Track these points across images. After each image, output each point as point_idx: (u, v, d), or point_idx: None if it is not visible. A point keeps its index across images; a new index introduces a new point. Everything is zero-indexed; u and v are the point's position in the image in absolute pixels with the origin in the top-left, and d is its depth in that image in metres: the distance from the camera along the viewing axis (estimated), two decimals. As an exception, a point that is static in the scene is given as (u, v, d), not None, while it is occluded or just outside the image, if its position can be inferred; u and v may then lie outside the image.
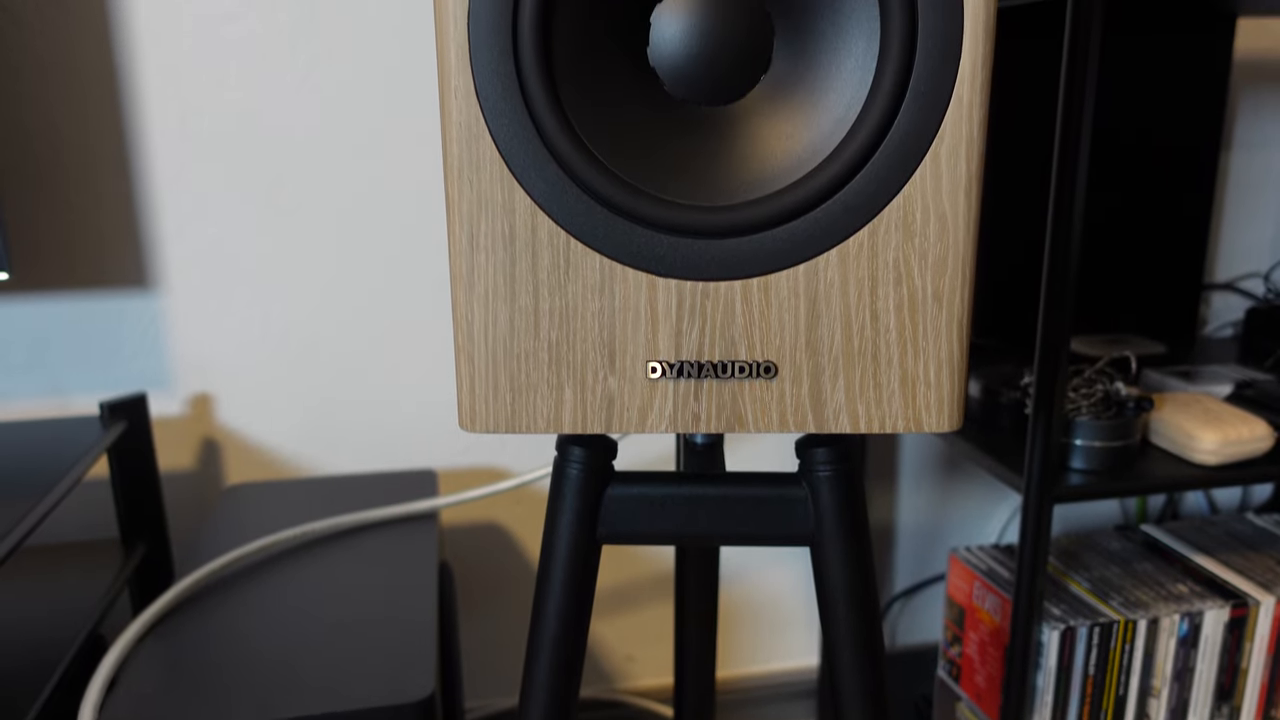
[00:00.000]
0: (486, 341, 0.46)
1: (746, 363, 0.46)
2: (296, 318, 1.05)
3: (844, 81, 0.43)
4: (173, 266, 1.02)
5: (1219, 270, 1.32)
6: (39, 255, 0.99)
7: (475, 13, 0.42)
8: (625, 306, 0.45)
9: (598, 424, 0.47)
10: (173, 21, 0.96)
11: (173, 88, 0.97)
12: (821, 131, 0.44)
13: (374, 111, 1.01)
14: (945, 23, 0.41)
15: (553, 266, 0.45)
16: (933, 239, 0.44)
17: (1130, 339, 1.21)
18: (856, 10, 0.43)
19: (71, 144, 0.97)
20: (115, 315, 1.02)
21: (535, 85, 0.42)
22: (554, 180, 0.44)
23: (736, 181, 0.45)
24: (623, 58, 0.45)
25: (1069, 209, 0.77)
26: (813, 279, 0.45)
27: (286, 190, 1.02)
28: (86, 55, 0.95)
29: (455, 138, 0.44)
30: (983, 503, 1.32)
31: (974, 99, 0.43)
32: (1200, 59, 1.16)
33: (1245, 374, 1.09)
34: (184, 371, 1.05)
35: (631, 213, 0.44)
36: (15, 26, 0.93)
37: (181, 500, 1.08)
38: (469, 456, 1.13)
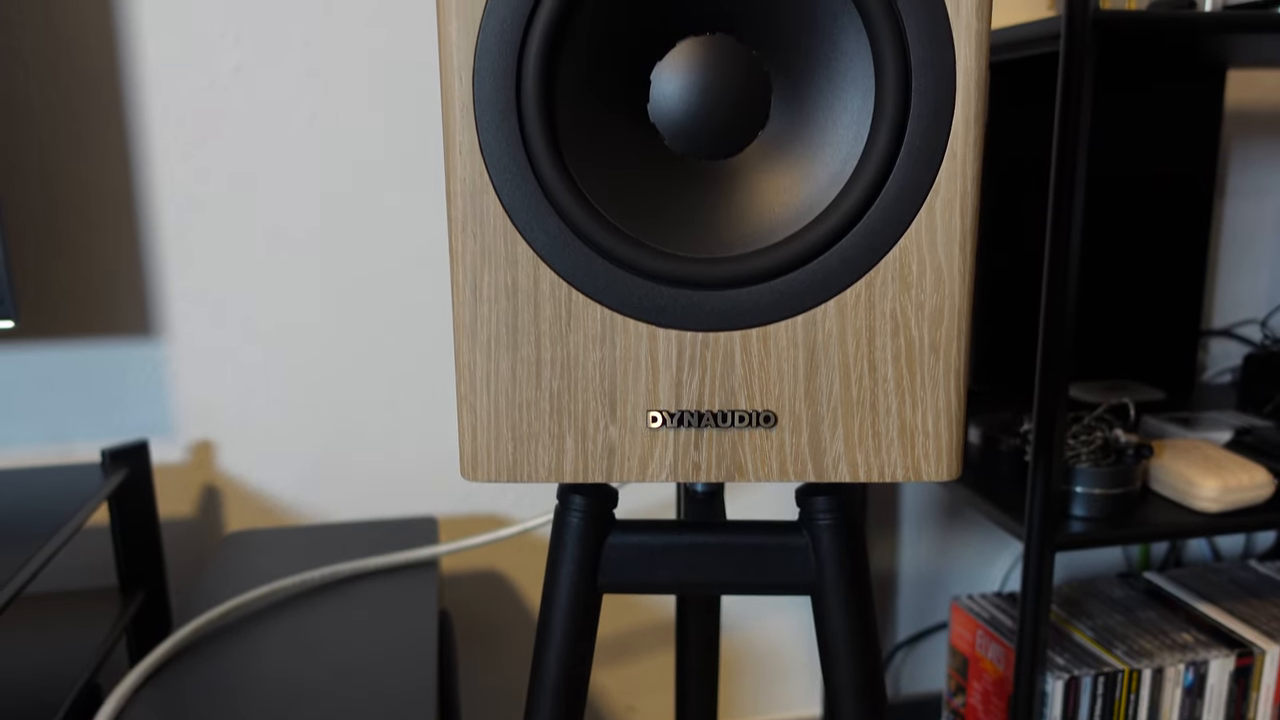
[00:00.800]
0: (489, 391, 0.46)
1: (746, 412, 0.46)
2: (298, 365, 1.06)
3: (840, 137, 0.44)
4: (176, 314, 1.03)
5: (1216, 317, 1.33)
6: (44, 302, 1.00)
7: (480, 70, 0.43)
8: (626, 356, 0.46)
9: (599, 473, 0.47)
10: (181, 70, 0.98)
11: (179, 136, 0.99)
12: (819, 185, 0.45)
13: (378, 161, 1.03)
14: (938, 81, 0.42)
15: (554, 317, 0.45)
16: (929, 290, 0.45)
17: (1129, 385, 1.21)
18: (852, 69, 0.44)
19: (78, 192, 0.98)
20: (119, 362, 1.03)
21: (538, 141, 0.43)
22: (556, 233, 0.44)
23: (736, 234, 0.45)
24: (624, 113, 0.46)
25: (1065, 258, 0.78)
26: (811, 330, 0.45)
27: (290, 238, 1.03)
28: (95, 103, 0.97)
29: (459, 191, 0.45)
30: (985, 550, 1.32)
31: (967, 154, 0.44)
32: (1192, 109, 1.18)
33: (1244, 420, 1.09)
34: (186, 418, 1.05)
35: (632, 265, 0.44)
36: (25, 71, 0.95)
37: (181, 547, 1.08)
38: (469, 503, 1.13)
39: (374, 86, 1.01)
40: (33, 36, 0.95)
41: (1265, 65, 1.18)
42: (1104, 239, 1.19)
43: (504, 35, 0.43)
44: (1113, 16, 0.75)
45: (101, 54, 0.96)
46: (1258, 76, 1.26)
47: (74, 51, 0.96)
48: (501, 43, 0.43)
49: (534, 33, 0.42)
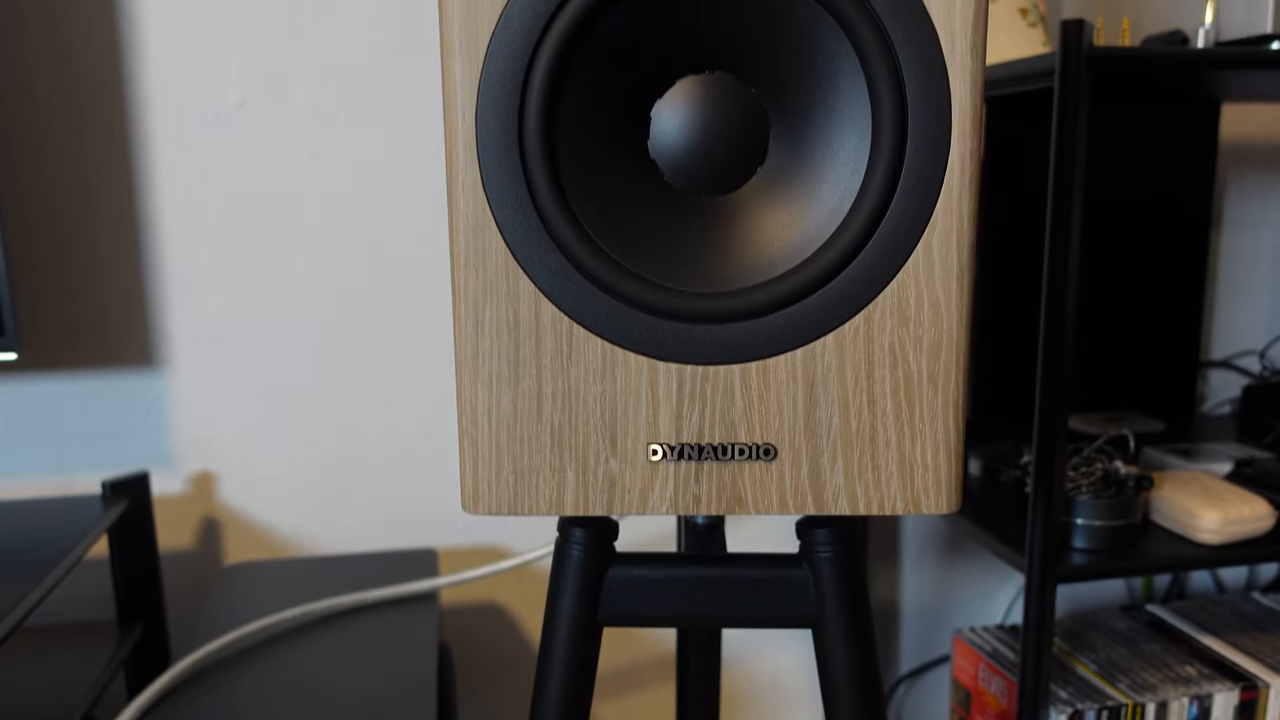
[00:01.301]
0: (490, 424, 0.47)
1: (746, 445, 0.47)
2: (299, 397, 1.06)
3: (838, 173, 0.45)
4: (178, 345, 1.03)
5: (1215, 348, 1.34)
6: (47, 334, 1.01)
7: (483, 108, 0.44)
8: (626, 390, 0.46)
9: (599, 506, 0.47)
10: (186, 105, 0.99)
11: (183, 169, 1.00)
12: (817, 221, 0.45)
13: (380, 196, 1.04)
14: (934, 119, 0.43)
15: (556, 351, 0.46)
16: (927, 324, 0.45)
17: (1128, 416, 1.22)
18: (849, 106, 0.44)
19: (83, 224, 0.99)
20: (120, 394, 1.03)
21: (540, 177, 0.44)
22: (557, 268, 0.45)
23: (735, 269, 0.46)
24: (624, 150, 0.46)
25: (1062, 290, 0.78)
26: (810, 363, 0.46)
27: (292, 270, 1.04)
28: (101, 137, 0.98)
29: (462, 227, 0.45)
30: (986, 582, 1.31)
31: (963, 191, 0.44)
32: (1187, 142, 1.19)
33: (1244, 452, 1.09)
34: (186, 450, 1.05)
35: (633, 299, 0.45)
36: (34, 106, 0.96)
37: (180, 580, 1.08)
38: (469, 535, 1.13)
39: (376, 122, 1.03)
40: (42, 73, 0.96)
41: (1259, 99, 1.19)
42: (1102, 271, 1.20)
43: (507, 74, 0.43)
44: (1106, 54, 0.76)
45: (109, 90, 0.98)
46: (1252, 110, 1.28)
47: (82, 87, 0.97)
48: (504, 81, 0.44)
49: (536, 72, 0.43)
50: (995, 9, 0.97)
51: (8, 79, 0.95)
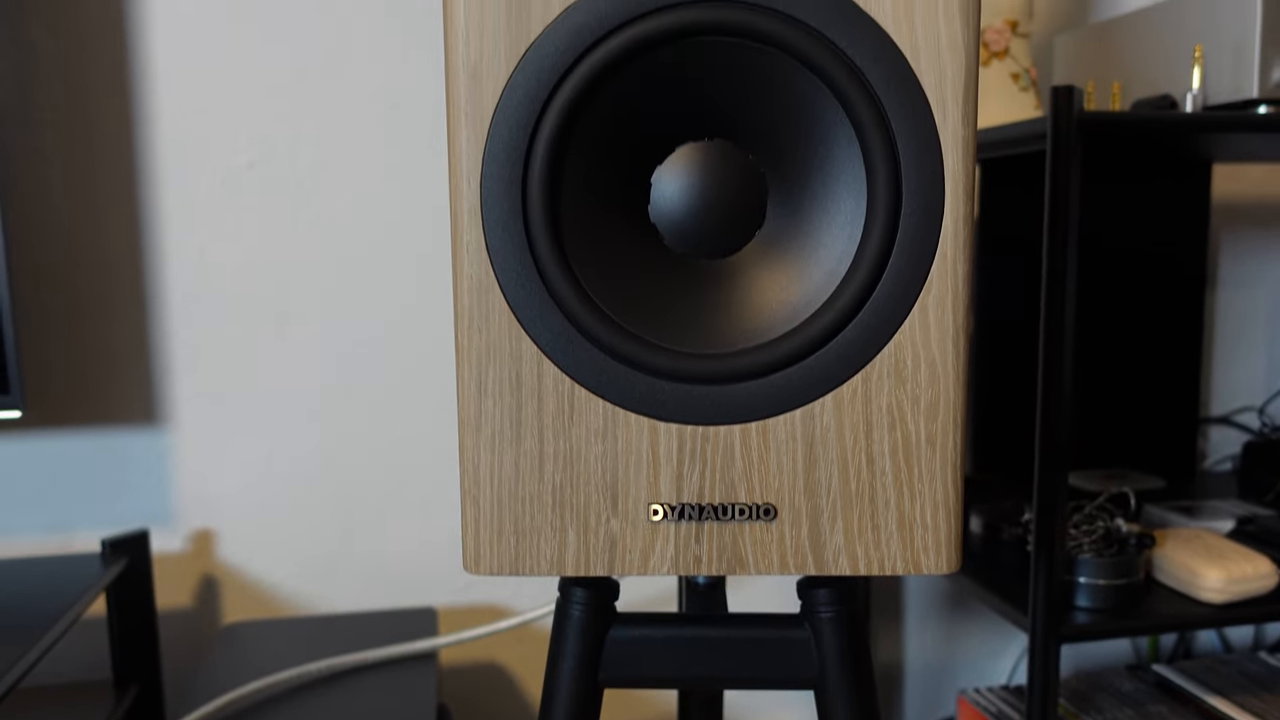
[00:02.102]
0: (492, 484, 0.47)
1: (746, 505, 0.47)
2: (300, 455, 1.06)
3: (834, 237, 0.46)
4: (181, 403, 1.04)
5: (1214, 404, 1.34)
6: (51, 392, 1.01)
7: (487, 175, 0.45)
8: (627, 450, 0.47)
9: (600, 566, 0.47)
10: (195, 167, 1.01)
11: (190, 230, 1.01)
12: (814, 283, 0.46)
13: (383, 259, 1.05)
14: (927, 185, 0.44)
15: (557, 411, 0.46)
16: (924, 385, 0.46)
17: (1129, 474, 1.22)
18: (845, 172, 0.46)
19: (90, 282, 1.00)
20: (122, 451, 1.04)
21: (543, 241, 0.45)
22: (560, 330, 0.46)
23: (734, 330, 0.47)
24: (625, 214, 0.47)
25: (1059, 346, 0.79)
26: (809, 424, 0.46)
27: (295, 329, 1.05)
28: (111, 198, 1.00)
29: (466, 289, 0.46)
30: (991, 641, 1.30)
31: (957, 254, 0.45)
32: (1180, 201, 1.21)
33: (1246, 509, 1.09)
34: (187, 507, 1.05)
35: (634, 360, 0.46)
36: (46, 166, 0.98)
37: (177, 639, 1.07)
38: (469, 594, 1.12)
39: (382, 185, 1.04)
40: (55, 134, 0.98)
41: (1248, 160, 1.21)
42: (1100, 328, 1.21)
43: (511, 142, 0.45)
44: (1097, 118, 0.78)
45: (120, 150, 0.99)
46: (1243, 170, 1.30)
47: (95, 148, 0.99)
48: (508, 149, 0.45)
49: (540, 139, 0.44)
50: (988, 74, 1.00)
51: (20, 141, 0.97)
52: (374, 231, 1.05)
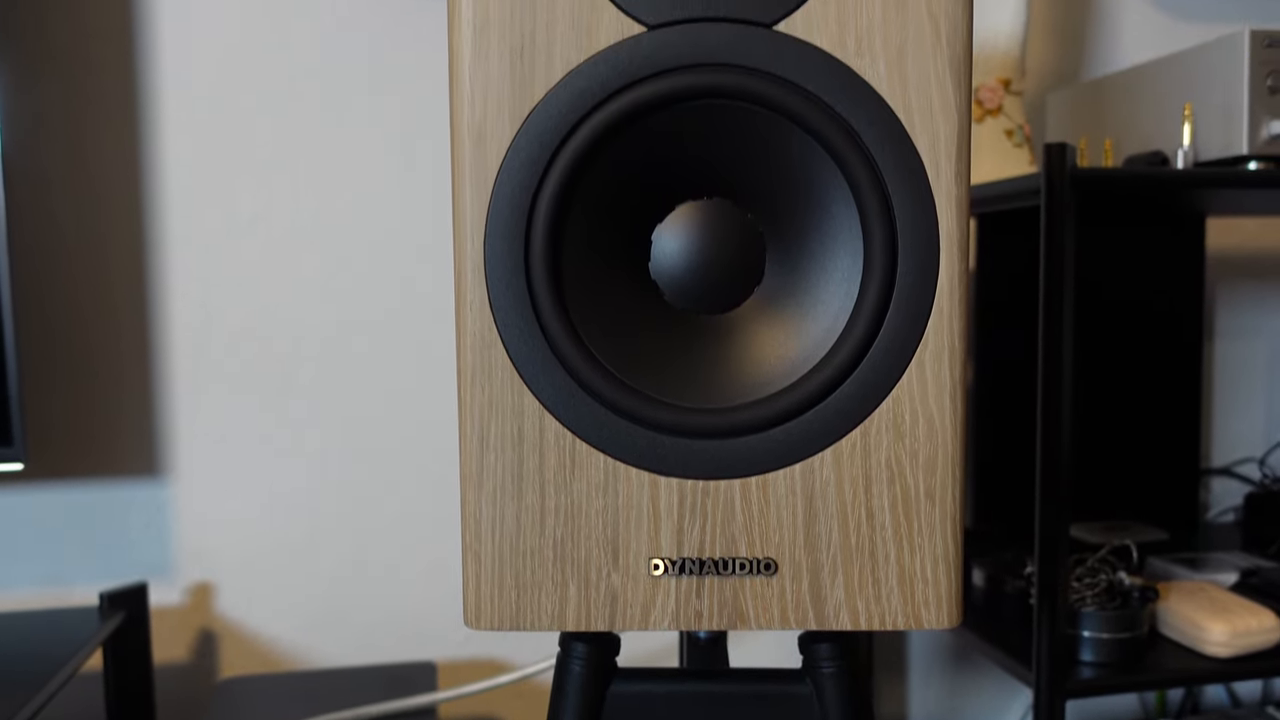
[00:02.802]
0: (493, 539, 0.47)
1: (747, 559, 0.47)
2: (300, 508, 1.06)
3: (832, 294, 0.47)
4: (182, 454, 1.04)
5: (1215, 455, 1.34)
6: (52, 443, 1.02)
7: (491, 233, 0.46)
8: (628, 504, 0.47)
9: (601, 621, 0.47)
10: (201, 220, 1.02)
11: (195, 282, 1.02)
12: (813, 339, 0.47)
13: (385, 310, 1.06)
14: (922, 243, 0.45)
15: (559, 466, 0.47)
16: (922, 439, 0.46)
17: (1131, 525, 1.21)
18: (842, 230, 0.46)
19: (94, 336, 1.01)
20: (122, 503, 1.04)
21: (545, 298, 0.46)
22: (561, 385, 0.46)
23: (734, 385, 0.47)
24: (626, 271, 0.48)
25: (1056, 399, 0.79)
26: (809, 478, 0.47)
27: (297, 381, 1.05)
28: (117, 252, 1.01)
29: (469, 345, 0.47)
30: (997, 695, 1.28)
31: (953, 310, 0.46)
32: (1175, 254, 1.22)
33: (1250, 561, 1.08)
34: (186, 560, 1.05)
35: (635, 415, 0.46)
36: (53, 223, 1.00)
37: (174, 694, 1.06)
38: (469, 648, 1.11)
39: (385, 238, 1.06)
40: (62, 192, 1.00)
41: (1240, 214, 1.23)
42: (1099, 380, 1.21)
43: (514, 202, 0.46)
44: (1090, 174, 0.79)
45: (126, 205, 1.01)
46: (1236, 223, 1.31)
47: (100, 205, 1.00)
48: (512, 208, 0.46)
49: (542, 200, 0.45)
50: (983, 130, 1.01)
51: (29, 198, 0.99)
52: (376, 284, 1.06)
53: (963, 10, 0.45)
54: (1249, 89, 0.84)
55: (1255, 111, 0.84)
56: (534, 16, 0.45)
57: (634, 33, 0.45)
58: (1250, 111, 0.84)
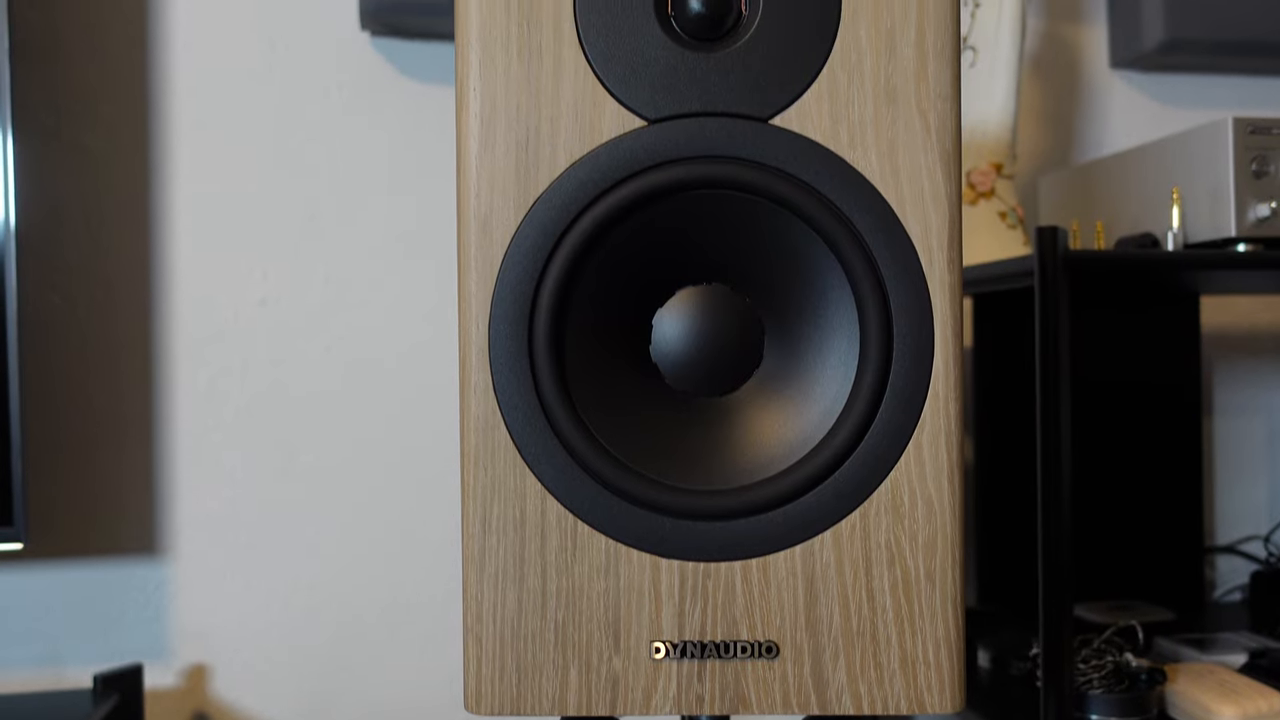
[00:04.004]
0: (495, 622, 0.47)
1: (748, 643, 0.47)
2: (300, 589, 1.06)
3: (829, 377, 0.48)
4: (182, 534, 1.04)
5: (1220, 533, 1.33)
6: (52, 522, 1.01)
7: (495, 319, 0.47)
8: (630, 587, 0.47)
9: (602, 705, 0.47)
10: (210, 303, 1.04)
11: (201, 364, 1.04)
12: (812, 421, 0.48)
13: (387, 393, 1.07)
14: (917, 328, 0.46)
15: (560, 548, 0.47)
16: (921, 521, 0.47)
17: (1137, 605, 1.20)
18: (838, 315, 0.48)
19: (98, 415, 1.02)
20: (120, 583, 1.03)
21: (547, 382, 0.47)
22: (564, 467, 0.47)
23: (734, 467, 0.48)
24: (627, 355, 0.49)
25: (1057, 478, 0.80)
26: (809, 560, 0.47)
27: (299, 463, 1.05)
28: (124, 333, 1.02)
29: (473, 428, 0.47)
30: (1004, 782, 1.25)
31: (949, 393, 0.47)
32: (1171, 333, 1.23)
33: (1258, 642, 1.07)
34: (182, 641, 1.04)
35: (636, 497, 0.46)
36: (62, 302, 1.01)
37: (165, 781, 1.04)
38: (467, 732, 1.09)
39: (389, 324, 1.07)
40: (77, 274, 1.01)
41: (1231, 293, 1.24)
42: (1100, 459, 1.22)
43: (518, 288, 0.47)
44: (1082, 256, 0.80)
45: (136, 289, 1.03)
46: (1230, 301, 1.33)
47: (111, 287, 1.02)
48: (516, 294, 0.47)
49: (545, 286, 0.47)
50: (976, 213, 1.04)
51: (43, 280, 1.01)
52: (380, 368, 1.07)
53: (951, 106, 0.47)
54: (1234, 173, 0.86)
55: (1241, 195, 0.86)
56: (539, 110, 0.47)
57: (635, 126, 0.47)
58: (1236, 195, 0.86)
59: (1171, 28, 1.15)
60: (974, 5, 1.04)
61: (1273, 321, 1.35)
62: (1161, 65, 1.22)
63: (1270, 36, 1.19)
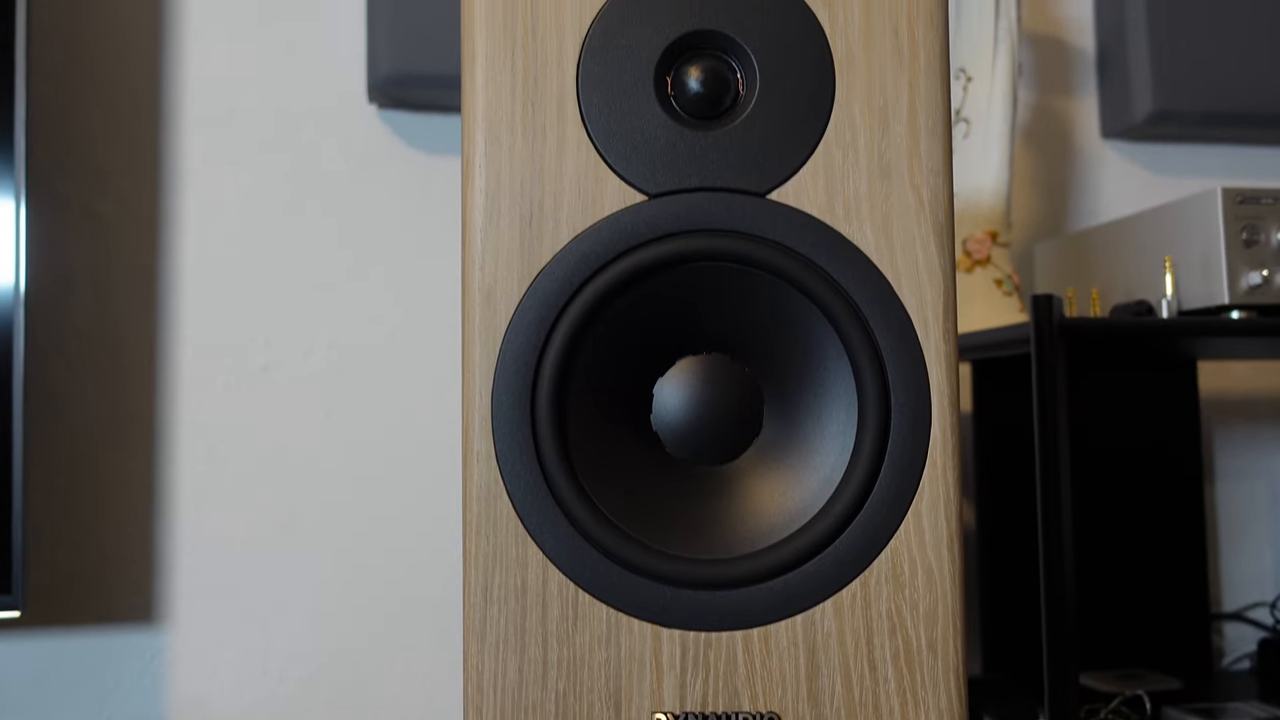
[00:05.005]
0: (496, 693, 0.47)
1: (750, 714, 0.47)
2: (299, 658, 1.05)
3: (828, 446, 0.48)
4: (180, 602, 1.03)
5: (1226, 600, 1.32)
6: (50, 590, 1.01)
7: (498, 388, 0.48)
8: (631, 657, 0.47)
9: (603, 779, 0.47)
10: (212, 369, 1.04)
11: (203, 430, 1.04)
12: (811, 490, 0.48)
13: (390, 460, 1.07)
14: (914, 397, 0.47)
15: (561, 618, 0.47)
16: (922, 590, 0.47)
17: (1144, 674, 1.19)
18: (836, 385, 0.48)
19: (98, 481, 1.02)
20: (117, 652, 1.02)
21: (549, 451, 0.47)
22: (565, 536, 0.47)
23: (734, 536, 0.48)
24: (628, 424, 0.50)
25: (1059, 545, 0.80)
26: (810, 630, 0.47)
27: (300, 530, 1.05)
28: (128, 401, 1.03)
29: (475, 496, 0.48)
30: None
31: (946, 462, 0.47)
32: (1169, 398, 1.24)
33: (1267, 711, 1.05)
34: (179, 710, 1.03)
35: (637, 566, 0.47)
36: (68, 370, 1.02)
37: None
38: (465, 805, 1.07)
39: (392, 391, 1.08)
40: (83, 341, 1.02)
41: (1229, 359, 1.25)
42: (1101, 524, 1.21)
43: (521, 358, 0.48)
44: (1077, 324, 0.81)
45: (141, 355, 1.03)
46: (1228, 366, 1.34)
47: (117, 352, 1.03)
48: (518, 365, 0.48)
49: (548, 357, 0.47)
50: (972, 280, 1.05)
51: (47, 342, 1.02)
52: (382, 435, 1.07)
53: (943, 181, 0.48)
54: (1225, 242, 0.87)
55: (1233, 263, 0.87)
56: (542, 186, 0.49)
57: (636, 201, 0.48)
58: (1228, 263, 0.87)
59: (1160, 100, 1.18)
60: (966, 79, 1.07)
61: (1270, 386, 1.36)
62: (1151, 135, 1.25)
63: (1256, 108, 1.22)
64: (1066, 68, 1.28)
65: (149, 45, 1.06)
